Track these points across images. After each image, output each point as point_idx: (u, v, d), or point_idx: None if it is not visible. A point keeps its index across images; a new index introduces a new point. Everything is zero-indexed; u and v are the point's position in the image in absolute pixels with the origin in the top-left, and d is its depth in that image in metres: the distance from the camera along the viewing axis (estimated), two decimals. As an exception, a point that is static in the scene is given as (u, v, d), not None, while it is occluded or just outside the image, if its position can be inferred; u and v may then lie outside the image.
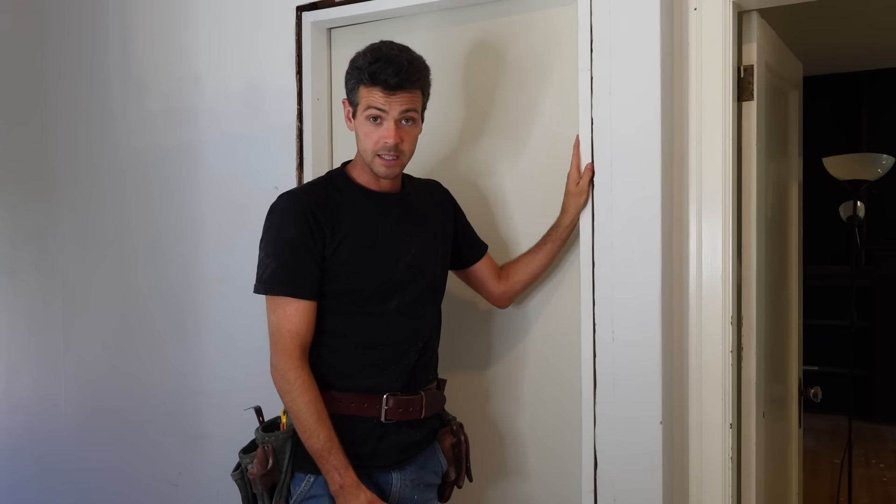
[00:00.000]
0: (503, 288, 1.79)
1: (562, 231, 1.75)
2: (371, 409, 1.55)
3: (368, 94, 1.51)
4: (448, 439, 1.68)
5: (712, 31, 1.74)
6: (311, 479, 1.53)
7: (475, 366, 1.97)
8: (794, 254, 2.42)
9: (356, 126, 1.56)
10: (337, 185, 1.60)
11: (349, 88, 1.56)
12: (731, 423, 1.76)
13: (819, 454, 4.79)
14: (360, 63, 1.53)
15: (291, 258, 1.50)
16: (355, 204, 1.57)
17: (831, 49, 4.76)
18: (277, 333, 1.51)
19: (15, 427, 2.67)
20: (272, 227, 1.54)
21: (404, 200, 1.65)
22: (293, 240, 1.50)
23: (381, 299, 1.56)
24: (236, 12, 2.22)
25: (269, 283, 1.52)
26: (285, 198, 1.56)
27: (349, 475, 1.48)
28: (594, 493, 1.75)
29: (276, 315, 1.51)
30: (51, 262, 2.58)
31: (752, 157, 1.86)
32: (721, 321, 1.74)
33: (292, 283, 1.50)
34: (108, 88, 2.45)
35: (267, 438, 1.54)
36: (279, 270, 1.50)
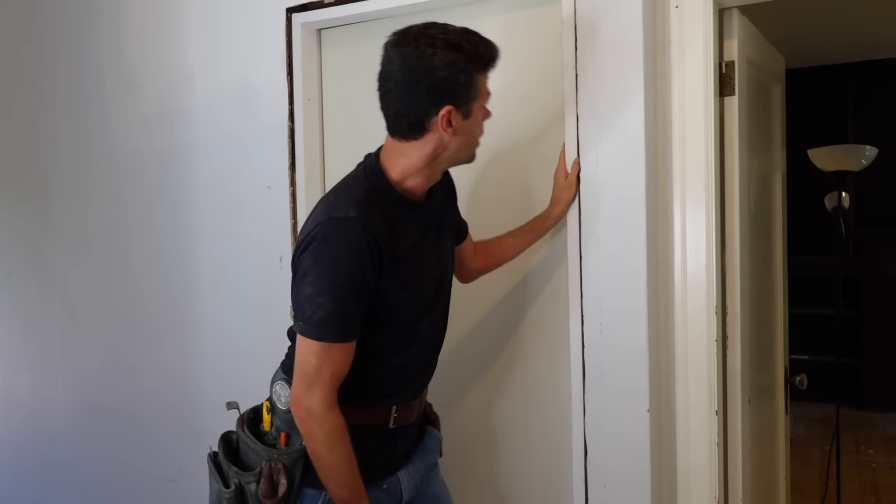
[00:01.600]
0: (478, 266, 1.78)
1: (550, 221, 1.78)
2: (380, 418, 1.49)
3: (485, 79, 1.40)
4: (437, 419, 1.70)
5: (694, 28, 1.78)
6: (328, 497, 1.42)
7: (466, 359, 2.01)
8: (779, 244, 2.47)
9: (466, 126, 1.40)
10: (386, 200, 1.42)
11: (465, 88, 1.36)
12: (717, 410, 1.81)
13: (810, 442, 4.86)
14: (470, 51, 1.34)
15: (351, 299, 1.34)
16: (407, 221, 1.43)
17: (817, 41, 4.81)
18: (317, 375, 1.34)
19: (14, 426, 2.70)
20: (325, 257, 1.34)
21: (434, 208, 1.53)
22: (354, 276, 1.33)
23: (417, 321, 1.48)
24: (228, 14, 2.25)
25: (321, 328, 1.33)
26: (342, 225, 1.34)
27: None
28: (585, 481, 1.79)
29: (318, 357, 1.34)
30: (47, 264, 2.61)
31: (734, 150, 1.90)
32: (706, 311, 1.79)
33: (347, 328, 1.36)
34: (102, 91, 2.47)
35: (276, 455, 1.42)
36: (336, 313, 1.33)
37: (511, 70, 1.93)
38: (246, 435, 1.49)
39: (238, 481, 1.45)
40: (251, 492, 1.42)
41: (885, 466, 4.40)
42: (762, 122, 2.27)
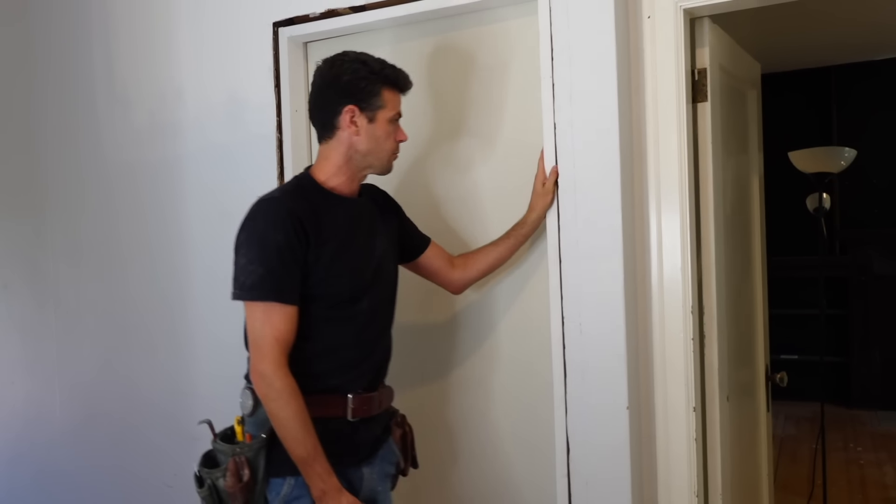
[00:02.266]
0: (458, 275, 1.87)
1: (527, 227, 1.85)
2: (336, 409, 1.58)
3: (394, 98, 1.62)
4: (397, 431, 1.75)
5: (665, 37, 1.84)
6: (293, 482, 1.54)
7: (448, 361, 2.07)
8: (758, 245, 2.53)
9: (374, 129, 1.60)
10: (310, 192, 1.61)
11: (367, 93, 1.58)
12: (695, 407, 1.87)
13: (799, 440, 4.92)
14: (377, 68, 1.59)
15: (279, 264, 1.50)
16: (331, 210, 1.60)
17: (798, 46, 4.90)
18: (263, 340, 1.49)
19: (11, 435, 2.74)
20: (255, 233, 1.53)
21: (366, 205, 1.71)
22: (280, 246, 1.50)
23: (354, 302, 1.60)
24: (216, 29, 2.32)
25: (255, 290, 1.50)
26: (267, 204, 1.56)
27: (332, 481, 1.50)
28: (567, 477, 1.85)
29: (259, 321, 1.50)
30: (42, 275, 2.66)
31: (707, 155, 1.96)
32: (682, 311, 1.85)
33: (280, 289, 1.50)
34: (95, 106, 2.53)
35: (239, 450, 1.53)
36: (266, 276, 1.49)
37: (490, 80, 2.00)
38: (216, 442, 1.59)
39: (210, 480, 1.55)
40: (221, 487, 1.53)
41: (872, 463, 4.46)
42: (737, 127, 2.34)
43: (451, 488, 2.07)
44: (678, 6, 1.83)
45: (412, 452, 1.80)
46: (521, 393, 1.97)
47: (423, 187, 2.09)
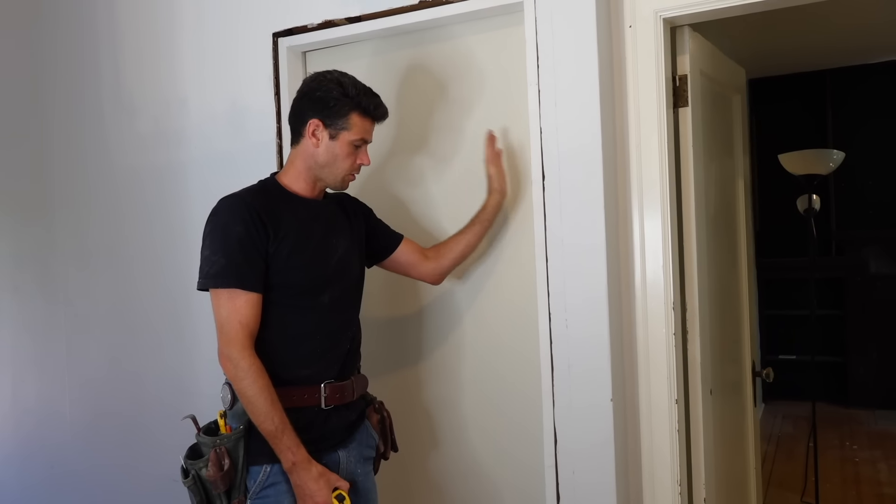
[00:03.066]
0: (432, 265, 1.96)
1: (489, 211, 1.96)
2: (311, 399, 1.69)
3: (362, 123, 1.71)
4: (374, 416, 1.87)
5: (646, 45, 1.93)
6: (269, 469, 1.65)
7: (442, 356, 2.15)
8: (744, 246, 2.61)
9: (333, 147, 1.71)
10: (272, 193, 1.74)
11: (334, 113, 1.69)
12: (677, 400, 1.94)
13: (796, 438, 4.98)
14: (351, 93, 1.69)
15: (240, 254, 1.61)
16: (291, 208, 1.72)
17: (792, 50, 4.97)
18: (228, 325, 1.61)
19: (22, 432, 2.83)
20: (218, 226, 1.65)
21: (329, 207, 1.82)
22: (241, 237, 1.62)
23: (316, 293, 1.71)
24: (218, 39, 2.41)
25: (218, 278, 1.62)
26: (229, 200, 1.68)
27: (301, 452, 1.61)
28: (555, 467, 1.93)
29: (224, 308, 1.61)
30: (51, 277, 2.75)
31: (689, 158, 2.05)
32: (664, 308, 1.93)
33: (242, 276, 1.61)
34: (101, 113, 2.63)
35: (219, 441, 1.63)
36: (228, 265, 1.61)
37: (479, 87, 2.08)
38: (200, 435, 1.69)
39: (193, 470, 1.65)
40: (203, 476, 1.64)
41: (867, 460, 4.52)
42: (722, 131, 2.42)
43: (442, 476, 2.15)
44: (658, 16, 1.91)
45: (391, 436, 1.91)
46: (511, 385, 2.05)
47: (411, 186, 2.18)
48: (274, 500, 1.66)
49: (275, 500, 1.66)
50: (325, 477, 1.64)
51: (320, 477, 1.63)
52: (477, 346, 2.11)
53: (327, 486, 1.63)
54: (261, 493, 1.66)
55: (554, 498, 1.93)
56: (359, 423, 1.82)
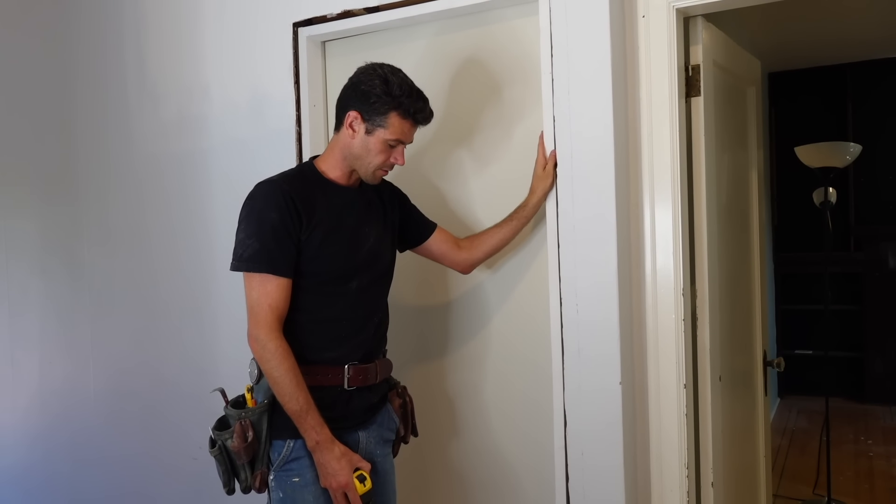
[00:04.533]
0: (465, 256, 2.00)
1: (528, 209, 1.98)
2: (335, 378, 1.74)
3: (401, 124, 1.72)
4: (396, 400, 1.92)
5: (659, 35, 1.95)
6: (292, 444, 1.70)
7: (454, 341, 2.20)
8: (756, 237, 2.63)
9: (368, 141, 1.73)
10: (309, 178, 1.77)
11: (374, 109, 1.70)
12: (686, 385, 1.97)
13: (810, 433, 4.97)
14: (396, 93, 1.69)
15: (272, 239, 1.66)
16: (325, 196, 1.75)
17: (812, 42, 4.94)
18: (258, 307, 1.66)
19: (48, 411, 2.91)
20: (254, 211, 1.69)
21: (364, 196, 1.84)
22: (275, 223, 1.66)
23: (345, 280, 1.75)
24: (240, 29, 2.46)
25: (251, 262, 1.66)
26: (266, 185, 1.72)
27: (324, 432, 1.67)
28: (564, 448, 1.97)
29: (256, 291, 1.66)
30: (78, 262, 2.83)
31: (700, 147, 2.07)
32: (674, 294, 1.96)
33: (274, 262, 1.66)
34: (126, 101, 2.69)
35: (244, 414, 1.69)
36: (261, 250, 1.66)
37: (493, 76, 2.12)
38: (227, 408, 1.75)
39: (220, 441, 1.72)
40: (229, 447, 1.71)
41: (881, 455, 4.51)
42: (736, 122, 2.43)
43: (454, 457, 2.20)
44: (671, 6, 1.94)
45: (412, 421, 1.95)
46: (522, 368, 2.09)
47: (434, 181, 2.22)
48: (297, 473, 1.71)
49: (297, 474, 1.71)
50: (347, 457, 1.69)
51: (342, 457, 1.68)
52: (499, 332, 2.15)
53: (349, 466, 1.68)
54: (284, 467, 1.72)
55: (563, 478, 1.97)
56: (380, 406, 1.87)
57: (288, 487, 1.72)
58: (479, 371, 2.18)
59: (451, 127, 2.20)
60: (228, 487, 1.75)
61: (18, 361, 2.97)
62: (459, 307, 2.21)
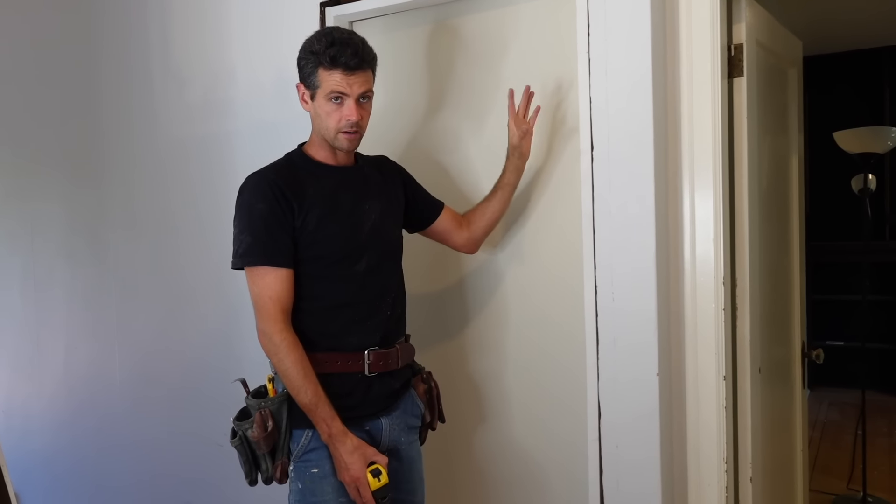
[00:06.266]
0: (466, 235, 1.95)
1: (508, 176, 1.92)
2: (356, 365, 1.70)
3: (329, 76, 1.65)
4: (421, 386, 1.86)
5: (701, 12, 1.87)
6: (310, 434, 1.67)
7: (485, 328, 2.14)
8: (796, 225, 2.54)
9: (315, 107, 1.69)
10: (297, 164, 1.74)
11: (306, 73, 1.68)
12: (725, 377, 1.91)
13: (842, 426, 4.88)
14: (315, 48, 1.65)
15: (264, 231, 1.63)
16: (316, 178, 1.71)
17: (847, 27, 4.80)
18: (260, 301, 1.63)
19: (76, 400, 2.91)
20: (243, 205, 1.67)
21: (359, 173, 1.80)
22: (264, 214, 1.63)
23: (351, 262, 1.70)
24: (266, 10, 2.41)
25: (245, 257, 1.64)
26: (253, 178, 1.69)
27: (336, 424, 1.63)
28: (598, 441, 1.91)
29: (256, 285, 1.64)
30: (103, 245, 2.81)
31: (742, 130, 1.99)
32: (714, 282, 1.89)
33: (267, 254, 1.63)
34: (151, 84, 2.66)
35: (263, 403, 1.66)
36: (254, 244, 1.63)
37: (525, 56, 2.05)
38: (248, 398, 1.72)
39: (240, 431, 1.69)
40: (249, 436, 1.67)
41: (917, 449, 4.41)
42: (776, 105, 2.35)
43: (485, 449, 2.15)
44: (714, -19, 1.86)
45: (439, 407, 1.90)
46: (556, 358, 2.03)
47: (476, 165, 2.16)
48: (316, 463, 1.68)
49: (316, 464, 1.68)
50: (361, 450, 1.65)
51: (355, 450, 1.64)
52: (520, 319, 2.09)
53: (362, 460, 1.64)
54: (303, 457, 1.69)
55: (597, 471, 1.92)
56: (403, 392, 1.82)
57: (307, 478, 1.69)
58: (503, 359, 2.12)
59: (480, 109, 2.13)
60: (251, 478, 1.71)
61: (44, 345, 2.97)
62: (482, 292, 2.15)
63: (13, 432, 3.05)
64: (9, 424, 3.07)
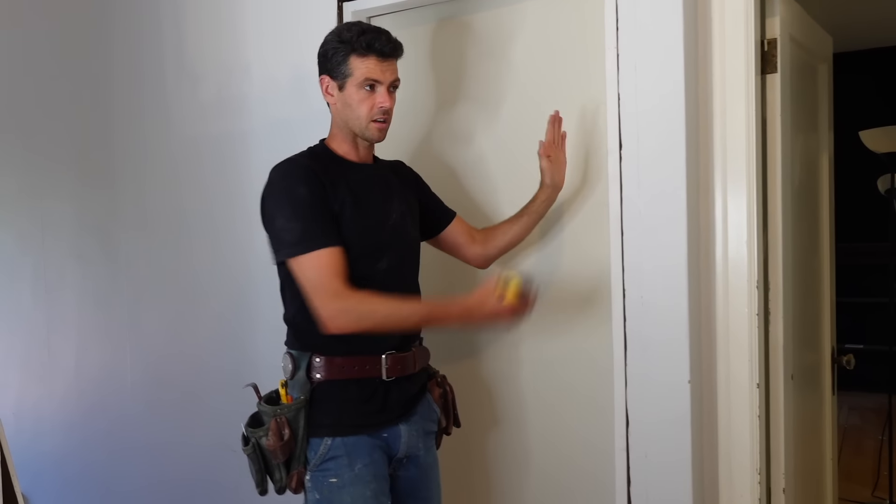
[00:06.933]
0: (479, 250, 1.89)
1: (537, 205, 1.86)
2: (373, 370, 1.64)
3: (363, 63, 1.61)
4: (436, 390, 1.80)
5: (734, 5, 1.80)
6: (329, 442, 1.61)
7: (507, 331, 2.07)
8: (826, 225, 2.47)
9: (345, 97, 1.65)
10: (322, 157, 1.69)
11: (334, 63, 1.64)
12: (759, 384, 1.83)
13: (864, 431, 4.78)
14: (346, 36, 1.62)
15: (311, 215, 1.57)
16: (343, 172, 1.66)
17: (870, 24, 4.72)
18: (321, 284, 1.54)
19: (87, 403, 2.86)
20: (282, 192, 1.59)
21: (379, 171, 1.76)
22: (307, 197, 1.57)
23: (373, 260, 1.65)
24: (281, 4, 2.36)
25: (301, 243, 1.55)
26: (284, 165, 1.64)
27: (455, 304, 1.56)
28: (626, 450, 1.85)
29: (314, 270, 1.55)
30: (114, 246, 2.76)
31: (776, 127, 1.92)
32: (747, 286, 1.82)
33: (321, 236, 1.56)
34: (164, 82, 2.61)
35: (279, 410, 1.60)
36: (306, 227, 1.56)
37: (551, 51, 1.99)
38: (261, 404, 1.66)
39: (254, 439, 1.63)
40: (263, 445, 1.61)
41: (942, 456, 4.30)
42: (807, 102, 2.27)
43: (507, 455, 2.09)
44: (749, -27, 1.79)
45: (454, 411, 1.85)
46: (582, 362, 1.97)
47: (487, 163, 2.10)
48: (334, 473, 1.62)
49: (335, 474, 1.61)
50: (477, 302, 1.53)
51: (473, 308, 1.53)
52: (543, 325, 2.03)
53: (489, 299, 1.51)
54: (321, 466, 1.62)
55: (624, 480, 1.85)
56: (420, 397, 1.76)
57: (325, 488, 1.62)
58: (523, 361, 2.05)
59: (498, 107, 2.07)
60: (262, 488, 1.66)
61: (55, 347, 2.92)
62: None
63: (24, 434, 3.01)
64: (19, 426, 3.03)
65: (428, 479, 1.78)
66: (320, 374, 1.63)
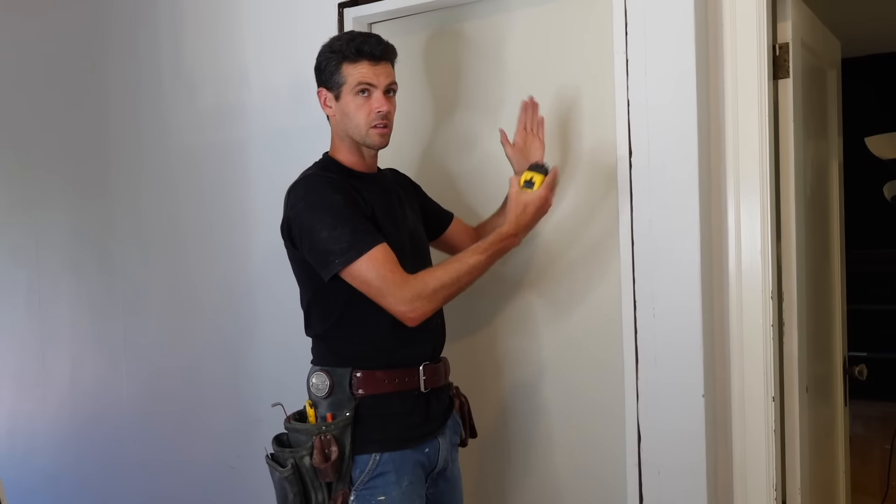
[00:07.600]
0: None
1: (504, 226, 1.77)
2: (411, 382, 1.61)
3: (355, 69, 1.60)
4: (456, 401, 1.78)
5: (746, 9, 1.76)
6: (378, 458, 1.56)
7: (518, 343, 2.02)
8: (836, 232, 2.42)
9: (342, 106, 1.63)
10: (333, 169, 1.67)
11: (328, 74, 1.63)
12: (774, 397, 1.78)
13: (869, 440, 4.71)
14: (336, 46, 1.62)
15: (353, 216, 1.54)
16: (357, 183, 1.64)
17: (872, 30, 4.68)
18: (384, 280, 1.50)
19: (82, 417, 2.80)
20: (317, 204, 1.55)
21: (386, 180, 1.75)
22: (343, 203, 1.54)
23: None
24: (280, 11, 2.31)
25: (355, 247, 1.51)
26: (306, 181, 1.62)
27: (501, 225, 1.57)
28: (638, 466, 1.79)
29: (372, 270, 1.50)
30: (109, 257, 2.71)
31: (789, 133, 1.88)
32: (761, 296, 1.77)
33: (370, 234, 1.53)
34: (161, 89, 2.56)
35: (325, 428, 1.55)
36: (355, 231, 1.52)
37: (559, 57, 1.94)
38: (293, 425, 1.60)
39: (293, 460, 1.55)
40: (306, 465, 1.54)
41: (950, 466, 4.25)
42: (818, 107, 2.23)
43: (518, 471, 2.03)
44: (760, -23, 1.74)
45: (470, 422, 1.82)
46: (592, 377, 1.91)
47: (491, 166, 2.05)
48: (382, 490, 1.56)
49: (383, 491, 1.56)
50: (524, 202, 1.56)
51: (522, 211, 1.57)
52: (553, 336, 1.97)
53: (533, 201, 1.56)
54: (368, 484, 1.56)
55: (636, 497, 1.79)
56: (451, 409, 1.74)
57: None
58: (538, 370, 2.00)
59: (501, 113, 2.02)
60: None
61: (49, 360, 2.86)
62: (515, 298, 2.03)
63: (17, 449, 2.95)
64: (12, 441, 2.96)
65: (454, 492, 1.76)
66: (363, 388, 1.58)
